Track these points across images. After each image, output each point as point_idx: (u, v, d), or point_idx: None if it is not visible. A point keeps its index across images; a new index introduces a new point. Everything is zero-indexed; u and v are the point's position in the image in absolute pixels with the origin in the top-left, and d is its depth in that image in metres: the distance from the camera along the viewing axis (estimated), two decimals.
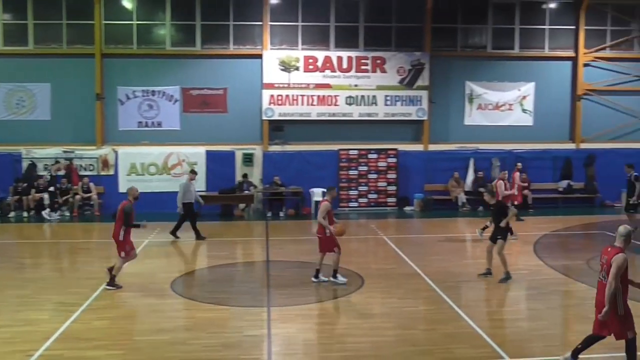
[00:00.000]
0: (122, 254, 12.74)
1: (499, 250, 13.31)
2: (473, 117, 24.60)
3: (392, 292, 12.60)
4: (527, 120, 24.79)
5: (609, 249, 8.30)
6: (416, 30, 24.20)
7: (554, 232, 18.58)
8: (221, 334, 9.99)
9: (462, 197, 23.58)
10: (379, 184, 23.66)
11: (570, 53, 24.80)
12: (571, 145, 24.99)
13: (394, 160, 23.68)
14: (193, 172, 18.93)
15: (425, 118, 24.05)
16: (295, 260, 15.51)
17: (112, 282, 12.57)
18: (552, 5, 24.74)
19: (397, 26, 24.15)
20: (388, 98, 23.82)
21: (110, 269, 12.64)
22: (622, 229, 8.37)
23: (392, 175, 23.68)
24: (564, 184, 24.28)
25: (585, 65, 24.78)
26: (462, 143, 24.40)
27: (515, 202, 19.74)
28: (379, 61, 23.75)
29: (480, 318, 10.82)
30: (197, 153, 23.15)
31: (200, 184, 22.75)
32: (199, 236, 17.89)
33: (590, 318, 10.94)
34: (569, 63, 24.91)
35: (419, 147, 24.23)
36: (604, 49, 24.93)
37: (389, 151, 23.71)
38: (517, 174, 20.85)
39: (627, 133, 25.19)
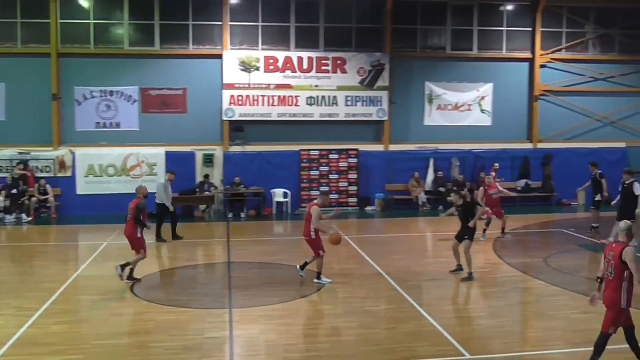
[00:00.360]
0: (142, 251, 13.20)
1: (465, 250, 13.49)
2: (433, 117, 24.82)
3: (354, 292, 12.63)
4: (486, 121, 25.11)
5: (614, 245, 8.41)
6: (376, 31, 24.33)
7: (513, 230, 18.84)
8: (182, 336, 9.89)
9: (423, 197, 23.77)
10: (340, 184, 23.71)
11: (527, 54, 25.21)
12: (528, 145, 25.39)
13: (355, 160, 23.76)
14: (171, 173, 18.66)
15: (385, 118, 24.19)
16: (256, 261, 15.45)
17: (131, 276, 13.04)
18: (509, 8, 25.10)
19: (357, 27, 24.24)
20: (348, 98, 23.90)
21: (123, 266, 12.92)
22: (622, 224, 8.53)
23: (353, 176, 23.76)
24: (522, 183, 24.66)
25: (542, 66, 25.21)
26: (422, 143, 24.60)
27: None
28: (339, 62, 23.80)
29: (441, 316, 10.91)
30: (156, 154, 22.89)
31: None
32: (159, 238, 17.70)
33: (548, 315, 11.19)
34: (526, 64, 25.31)
35: (379, 147, 24.36)
36: (559, 50, 25.40)
37: (349, 151, 23.79)
38: (493, 174, 21.18)
39: (582, 133, 25.70)
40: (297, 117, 23.65)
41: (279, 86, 23.42)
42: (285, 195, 23.18)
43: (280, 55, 23.46)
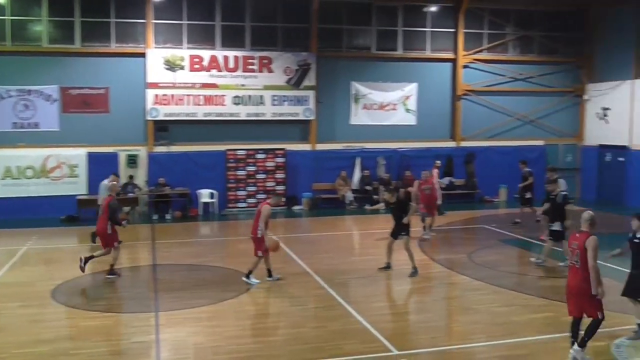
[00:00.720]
0: (116, 244, 13.72)
1: (405, 247, 13.74)
2: (359, 116, 25.04)
3: (282, 292, 12.64)
4: (411, 120, 25.51)
5: (577, 235, 8.79)
6: (302, 31, 24.36)
7: (437, 227, 19.19)
8: (107, 342, 9.66)
9: (350, 196, 23.97)
10: (268, 184, 23.63)
11: (451, 55, 25.75)
12: (452, 144, 25.95)
13: (282, 160, 23.73)
14: (115, 175, 18.24)
15: (312, 118, 24.26)
16: (183, 263, 15.24)
17: (112, 271, 13.62)
18: (433, 9, 25.55)
19: (283, 26, 24.20)
20: (275, 98, 23.85)
21: (88, 258, 13.53)
22: (585, 214, 8.91)
23: (280, 175, 23.71)
24: (445, 180, 25.16)
25: (465, 66, 25.80)
26: (348, 142, 24.79)
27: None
28: (265, 61, 23.72)
29: (369, 313, 11.04)
30: (77, 155, 22.23)
31: (81, 187, 22.00)
32: (93, 238, 17.28)
33: (472, 309, 11.47)
34: (449, 64, 25.84)
35: (306, 147, 24.41)
36: (481, 51, 26.05)
37: (276, 151, 23.74)
38: (436, 170, 21.73)
39: (502, 131, 26.45)
40: (223, 116, 23.43)
41: (204, 85, 23.15)
42: (211, 195, 22.93)
43: (206, 54, 23.19)
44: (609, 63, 25.89)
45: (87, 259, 13.45)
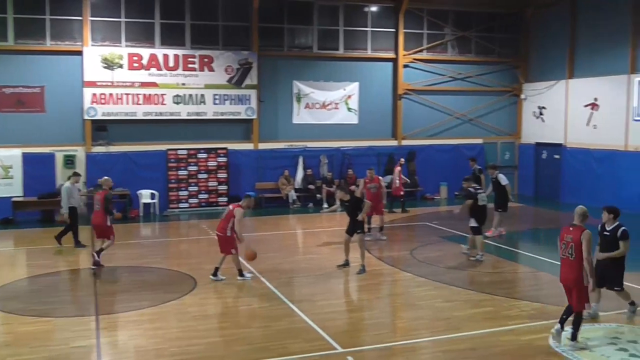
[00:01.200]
0: (112, 237, 14.72)
1: (360, 244, 13.88)
2: (301, 115, 25.04)
3: (225, 292, 12.55)
4: (353, 119, 25.65)
5: (571, 229, 9.22)
6: (243, 30, 24.21)
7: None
8: (46, 347, 9.39)
9: (293, 195, 23.96)
10: (210, 183, 23.39)
11: (391, 54, 26.00)
12: (394, 142, 26.21)
13: (224, 159, 23.53)
14: (76, 175, 17.68)
15: (254, 117, 24.14)
16: (124, 265, 14.96)
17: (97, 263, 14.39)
18: (374, 9, 25.77)
19: (224, 25, 23.99)
20: (217, 97, 23.63)
21: (99, 252, 14.45)
22: (579, 209, 9.38)
23: (222, 175, 23.51)
24: (387, 179, 25.33)
25: (405, 66, 26.09)
26: (291, 141, 24.77)
27: (401, 193, 22.25)
28: (206, 60, 23.47)
29: (313, 312, 11.05)
30: (12, 156, 21.53)
31: (16, 189, 21.34)
32: (78, 244, 16.94)
33: (416, 305, 11.61)
34: (390, 64, 26.08)
35: (249, 146, 24.27)
36: (421, 51, 26.39)
37: (218, 150, 23.53)
38: (399, 168, 22.21)
39: (443, 130, 26.88)
40: (163, 116, 23.08)
41: (144, 84, 22.76)
42: (152, 196, 22.58)
43: (145, 52, 22.80)
44: (545, 63, 26.62)
45: (98, 253, 14.42)
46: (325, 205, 23.25)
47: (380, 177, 18.60)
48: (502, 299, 11.78)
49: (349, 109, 25.61)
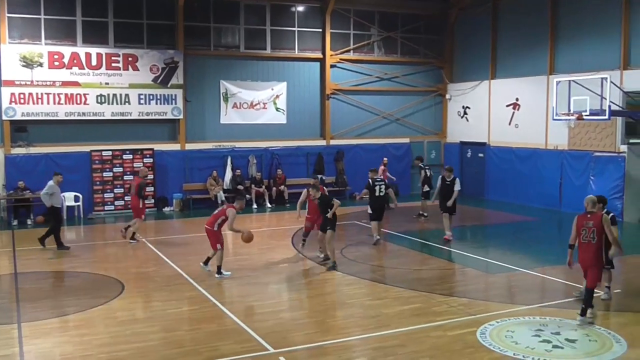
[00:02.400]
0: (143, 216, 17.76)
1: (328, 241, 14.21)
2: (229, 115, 24.84)
3: (154, 295, 12.33)
4: (281, 119, 25.63)
5: (589, 215, 10.25)
6: (169, 28, 23.82)
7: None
8: None
9: (221, 195, 23.71)
10: None
11: (319, 54, 26.11)
12: (322, 142, 26.32)
13: (150, 160, 23.10)
14: (58, 174, 17.00)
15: (180, 117, 23.79)
16: (47, 270, 14.50)
17: (133, 237, 17.29)
18: (301, 9, 25.81)
19: (148, 23, 23.53)
20: (142, 97, 23.16)
21: (127, 228, 17.36)
22: (588, 198, 10.49)
23: (149, 176, 23.04)
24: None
25: (332, 66, 26.24)
26: (219, 142, 24.54)
27: None
28: (130, 59, 22.97)
29: (243, 313, 11.01)
30: None
31: None
32: (61, 246, 16.44)
33: (346, 303, 11.71)
34: (317, 64, 26.19)
35: (175, 147, 23.91)
36: (348, 51, 26.61)
37: (144, 151, 23.08)
38: (382, 167, 22.41)
39: (370, 130, 27.19)
40: (86, 116, 22.47)
41: (65, 83, 22.09)
42: (76, 199, 21.96)
43: (67, 50, 22.14)
44: (468, 64, 27.30)
45: (126, 229, 17.26)
46: (255, 206, 23.14)
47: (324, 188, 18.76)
48: (430, 296, 12.00)
49: (277, 109, 25.57)
